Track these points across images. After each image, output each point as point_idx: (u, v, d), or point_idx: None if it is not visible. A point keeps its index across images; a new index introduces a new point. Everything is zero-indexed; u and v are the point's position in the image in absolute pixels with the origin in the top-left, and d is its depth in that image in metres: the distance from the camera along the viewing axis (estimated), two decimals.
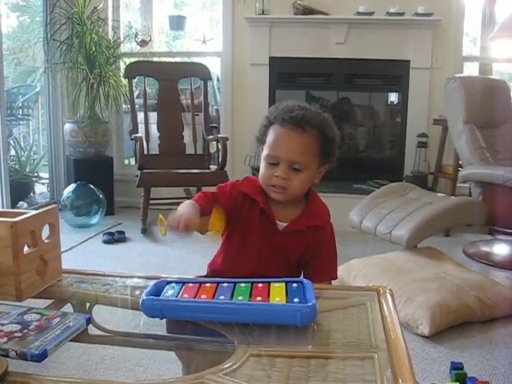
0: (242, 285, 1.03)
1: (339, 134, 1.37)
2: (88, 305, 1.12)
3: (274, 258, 1.33)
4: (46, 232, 1.15)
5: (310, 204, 1.37)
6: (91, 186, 3.85)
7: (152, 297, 0.97)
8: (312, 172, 1.33)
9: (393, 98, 4.52)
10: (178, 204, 1.24)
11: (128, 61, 4.27)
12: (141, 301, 0.96)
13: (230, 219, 1.33)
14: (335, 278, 1.40)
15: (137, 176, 3.64)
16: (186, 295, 0.99)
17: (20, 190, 4.25)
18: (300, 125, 1.29)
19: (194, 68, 4.23)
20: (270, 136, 1.33)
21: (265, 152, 1.33)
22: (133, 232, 3.67)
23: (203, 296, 0.98)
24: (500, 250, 3.47)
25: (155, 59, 4.59)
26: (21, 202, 4.27)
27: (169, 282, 1.05)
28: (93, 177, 3.92)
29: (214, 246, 1.44)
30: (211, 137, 4.07)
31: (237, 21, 4.28)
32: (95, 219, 3.83)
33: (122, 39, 4.44)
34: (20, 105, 5.07)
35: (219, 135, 4.05)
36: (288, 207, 1.35)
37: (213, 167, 4.01)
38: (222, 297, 0.98)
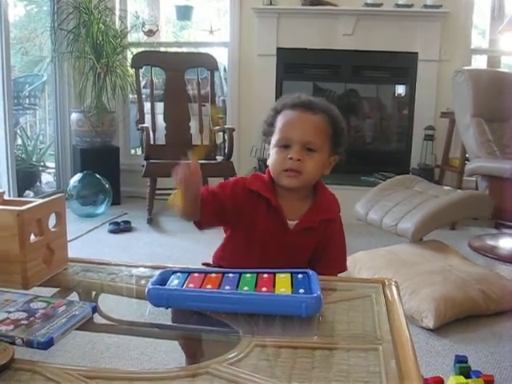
0: (248, 275, 1.03)
1: (346, 125, 1.36)
2: (94, 293, 1.13)
3: (284, 256, 1.28)
4: (52, 221, 1.16)
5: (319, 197, 1.33)
6: (97, 176, 3.85)
7: (158, 286, 0.97)
8: (324, 156, 1.29)
9: (400, 90, 4.50)
10: None
11: (135, 51, 4.26)
12: (146, 290, 0.97)
13: (232, 214, 1.30)
14: (345, 269, 1.39)
15: (143, 166, 3.65)
16: (191, 285, 0.99)
17: (26, 180, 4.26)
18: (310, 107, 1.29)
19: (201, 58, 4.22)
20: (280, 121, 1.31)
21: (275, 137, 1.30)
22: (139, 222, 3.68)
23: (208, 286, 0.98)
24: (506, 243, 3.46)
25: (162, 49, 4.58)
26: (27, 191, 4.28)
27: (174, 272, 1.05)
28: (99, 166, 3.93)
29: (219, 237, 1.43)
30: (218, 127, 4.07)
31: (244, 11, 4.26)
32: (101, 209, 3.84)
33: (129, 29, 4.43)
34: (27, 94, 5.07)
35: (226, 126, 4.05)
36: (296, 203, 1.31)
37: (219, 158, 4.01)
38: (227, 287, 0.98)
